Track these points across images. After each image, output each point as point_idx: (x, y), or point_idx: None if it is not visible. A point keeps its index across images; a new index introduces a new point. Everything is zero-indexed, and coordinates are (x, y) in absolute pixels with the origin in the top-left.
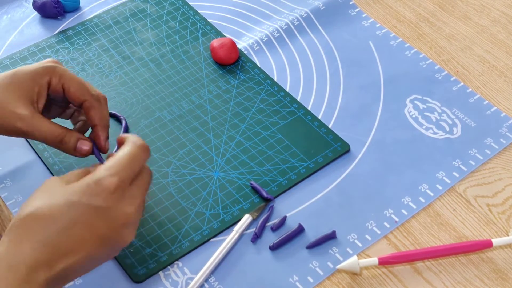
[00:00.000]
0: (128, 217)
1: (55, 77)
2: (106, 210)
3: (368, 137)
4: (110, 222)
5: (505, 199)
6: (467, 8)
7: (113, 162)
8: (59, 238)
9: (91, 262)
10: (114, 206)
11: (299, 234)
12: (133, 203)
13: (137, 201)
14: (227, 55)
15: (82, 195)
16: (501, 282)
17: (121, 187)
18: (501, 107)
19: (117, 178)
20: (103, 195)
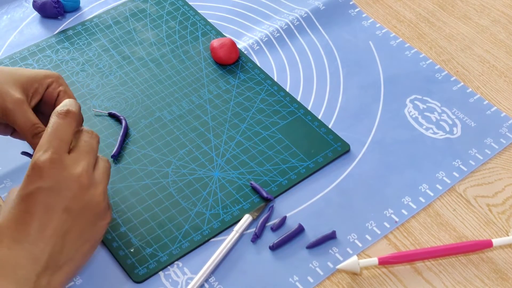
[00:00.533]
0: (79, 179)
1: (55, 84)
2: (54, 185)
3: (368, 137)
4: (64, 192)
5: (505, 199)
6: (467, 8)
7: (40, 140)
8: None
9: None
10: (60, 177)
11: (299, 234)
12: (79, 164)
13: (84, 162)
14: (227, 55)
15: (26, 186)
16: (501, 282)
17: (57, 159)
18: (501, 107)
19: (49, 153)
20: (43, 175)
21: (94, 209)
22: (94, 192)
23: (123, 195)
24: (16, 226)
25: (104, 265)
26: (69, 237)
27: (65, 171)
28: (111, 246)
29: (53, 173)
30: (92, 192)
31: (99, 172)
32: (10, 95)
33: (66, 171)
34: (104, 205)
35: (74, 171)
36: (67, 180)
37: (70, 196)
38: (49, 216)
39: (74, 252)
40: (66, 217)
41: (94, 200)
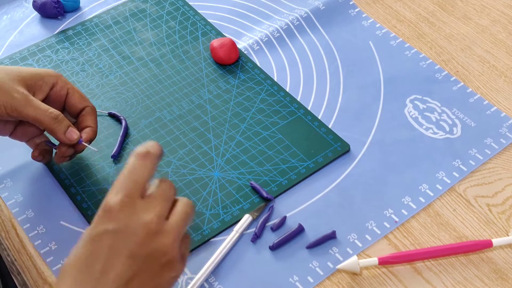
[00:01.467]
0: (148, 225)
1: (61, 82)
2: (122, 228)
3: (368, 137)
4: (131, 237)
5: (505, 199)
6: (467, 8)
7: (116, 180)
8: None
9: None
10: (129, 221)
11: (299, 234)
12: (150, 210)
13: (156, 208)
14: (227, 55)
15: (96, 226)
16: (501, 282)
17: (128, 202)
18: (501, 107)
19: (121, 194)
20: (113, 217)
21: (161, 258)
22: (163, 240)
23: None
24: (81, 267)
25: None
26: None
27: (134, 215)
28: None
29: (122, 216)
30: (161, 240)
31: (174, 220)
32: (16, 91)
33: (136, 215)
34: (174, 255)
35: (144, 216)
36: (135, 224)
37: (137, 242)
38: (114, 259)
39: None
40: (131, 263)
41: (161, 249)
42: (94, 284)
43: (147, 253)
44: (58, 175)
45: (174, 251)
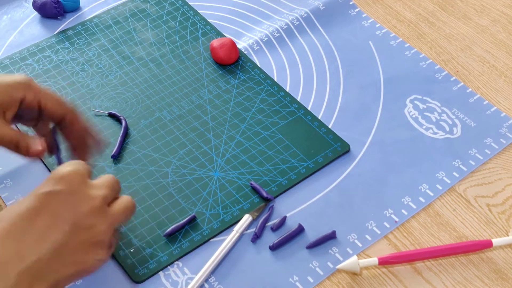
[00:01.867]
0: (93, 200)
1: (30, 93)
2: (70, 193)
3: (368, 137)
4: (75, 205)
5: (505, 199)
6: (467, 8)
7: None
8: (26, 229)
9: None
10: (79, 189)
11: (299, 234)
12: (97, 190)
13: (102, 191)
14: (227, 55)
15: (44, 186)
16: (501, 282)
17: (79, 175)
18: (501, 107)
19: (72, 167)
20: (65, 180)
21: (94, 236)
22: (101, 221)
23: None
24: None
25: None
26: (62, 251)
27: (83, 186)
28: None
29: (72, 181)
30: (100, 220)
31: (116, 209)
32: None
33: (84, 187)
34: (106, 238)
35: (91, 191)
36: (82, 195)
37: (79, 212)
38: (53, 222)
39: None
40: (67, 230)
41: (97, 229)
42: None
43: (84, 227)
44: None
45: (107, 235)
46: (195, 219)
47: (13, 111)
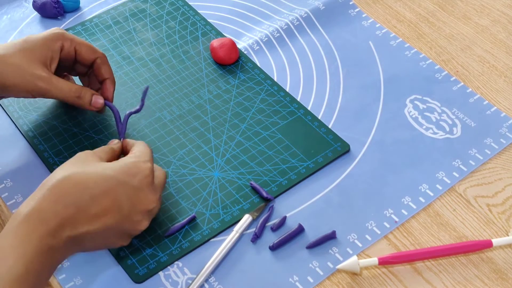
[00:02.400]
0: (150, 203)
1: (67, 42)
2: (137, 190)
3: (368, 137)
4: (135, 202)
5: (505, 199)
6: (467, 8)
7: (140, 152)
8: (88, 204)
9: (108, 233)
10: (145, 189)
11: (299, 234)
12: (156, 193)
13: (158, 193)
14: (227, 55)
15: (118, 173)
16: (501, 282)
17: (152, 174)
18: (501, 107)
19: (150, 165)
20: (138, 177)
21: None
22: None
23: None
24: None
25: (104, 265)
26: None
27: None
28: None
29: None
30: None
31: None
32: (36, 75)
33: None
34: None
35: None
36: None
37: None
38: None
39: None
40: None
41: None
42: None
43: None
44: None
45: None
46: (195, 219)
47: (56, 61)
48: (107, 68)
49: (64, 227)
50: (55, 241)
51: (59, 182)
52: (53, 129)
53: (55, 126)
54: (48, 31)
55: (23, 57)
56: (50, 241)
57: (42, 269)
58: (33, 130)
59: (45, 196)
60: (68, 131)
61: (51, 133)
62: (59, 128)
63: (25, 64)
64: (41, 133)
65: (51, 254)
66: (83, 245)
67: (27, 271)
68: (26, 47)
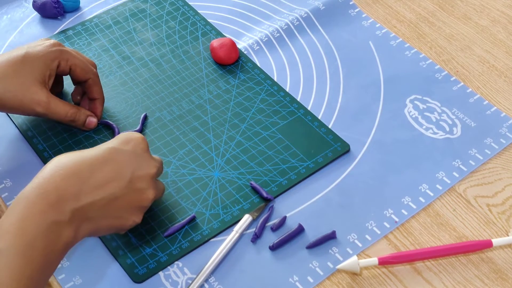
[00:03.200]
0: (151, 168)
1: (63, 60)
2: (135, 155)
3: (368, 137)
4: (135, 167)
5: (505, 199)
6: (467, 8)
7: None
8: (88, 174)
9: (115, 204)
10: (142, 155)
11: (299, 234)
12: (154, 161)
13: (157, 163)
14: (227, 55)
15: (112, 143)
16: (501, 282)
17: (145, 142)
18: (501, 107)
19: (141, 135)
20: (133, 143)
21: (140, 200)
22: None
23: None
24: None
25: (104, 265)
26: (112, 203)
27: (146, 153)
28: (111, 246)
29: (138, 146)
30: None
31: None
32: (35, 101)
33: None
34: (146, 207)
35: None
36: (145, 160)
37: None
38: (114, 175)
39: (105, 216)
40: (123, 186)
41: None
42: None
43: (137, 188)
44: None
45: (149, 203)
46: (195, 219)
47: (52, 78)
48: (98, 89)
49: (67, 200)
50: (59, 215)
51: (56, 161)
52: (52, 128)
53: (54, 126)
54: (47, 45)
55: (22, 81)
56: (53, 216)
57: (49, 245)
58: (32, 130)
59: (43, 175)
60: (67, 131)
61: (50, 133)
62: (58, 128)
63: (24, 90)
64: (40, 132)
65: (56, 228)
66: (93, 221)
67: (31, 247)
68: (25, 69)
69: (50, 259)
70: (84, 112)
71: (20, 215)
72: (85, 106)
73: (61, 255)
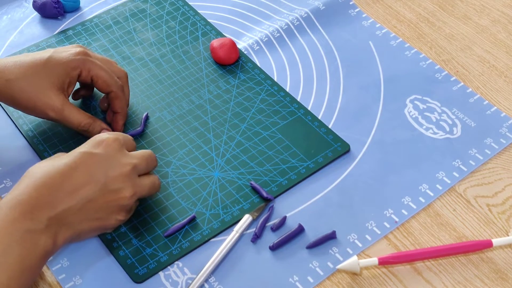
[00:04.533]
0: (123, 167)
1: (85, 70)
2: (104, 157)
3: (368, 137)
4: (106, 169)
5: (505, 199)
6: (467, 8)
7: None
8: (60, 181)
9: (92, 206)
10: (113, 155)
11: (299, 234)
12: (130, 158)
13: (134, 159)
14: (227, 55)
15: (83, 147)
16: (501, 282)
17: (118, 142)
18: (501, 107)
19: (114, 135)
20: (103, 145)
21: (119, 200)
22: (127, 187)
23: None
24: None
25: (104, 265)
26: (89, 206)
27: (119, 153)
28: (111, 246)
29: (109, 147)
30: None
31: (145, 182)
32: (49, 106)
33: (120, 154)
34: (127, 205)
35: (126, 158)
36: (116, 161)
37: (109, 176)
38: (87, 180)
39: (85, 220)
40: (98, 189)
41: (122, 194)
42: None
43: (112, 189)
44: None
45: (130, 201)
46: (195, 219)
47: (73, 86)
48: (119, 103)
49: (42, 208)
50: (35, 224)
51: (30, 172)
52: (52, 128)
53: (55, 126)
54: (72, 53)
55: (39, 84)
56: (27, 224)
57: (25, 252)
58: (32, 130)
59: (18, 186)
60: (68, 131)
61: (50, 133)
62: (59, 128)
63: (39, 93)
64: (40, 132)
65: (32, 237)
66: (72, 226)
67: (5, 254)
68: (47, 71)
69: (28, 266)
70: (100, 125)
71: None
72: (109, 116)
73: (41, 262)
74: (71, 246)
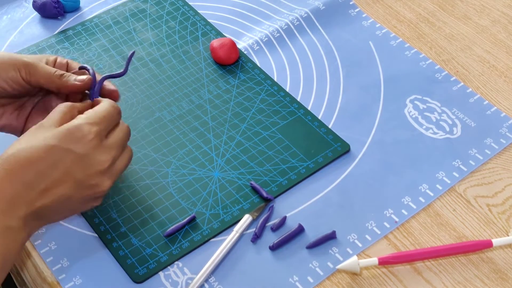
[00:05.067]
0: (102, 164)
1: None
2: (83, 156)
3: (368, 137)
4: (85, 168)
5: (505, 199)
6: (467, 8)
7: (92, 113)
8: (35, 180)
9: (69, 202)
10: (91, 153)
11: (299, 234)
12: (108, 152)
13: (113, 152)
14: (227, 55)
15: (61, 140)
16: (501, 282)
17: (98, 137)
18: (501, 107)
19: (96, 128)
20: (81, 142)
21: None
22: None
23: (124, 195)
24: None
25: (104, 265)
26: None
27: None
28: (111, 246)
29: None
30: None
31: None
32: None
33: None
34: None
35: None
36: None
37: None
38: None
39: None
40: (74, 187)
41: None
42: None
43: (89, 185)
44: None
45: (106, 191)
46: (195, 219)
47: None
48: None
49: (18, 206)
50: (12, 220)
51: (4, 161)
52: None
53: None
54: None
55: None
56: (5, 221)
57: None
58: None
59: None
60: None
61: None
62: None
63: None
64: None
65: (11, 234)
66: (47, 218)
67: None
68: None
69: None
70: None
71: None
72: None
73: (18, 256)
74: (71, 246)
